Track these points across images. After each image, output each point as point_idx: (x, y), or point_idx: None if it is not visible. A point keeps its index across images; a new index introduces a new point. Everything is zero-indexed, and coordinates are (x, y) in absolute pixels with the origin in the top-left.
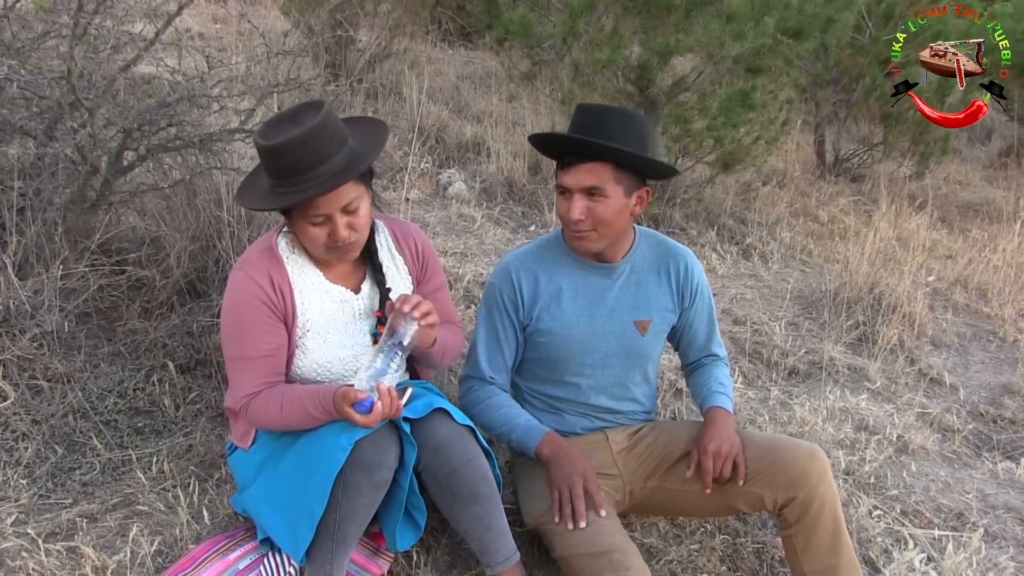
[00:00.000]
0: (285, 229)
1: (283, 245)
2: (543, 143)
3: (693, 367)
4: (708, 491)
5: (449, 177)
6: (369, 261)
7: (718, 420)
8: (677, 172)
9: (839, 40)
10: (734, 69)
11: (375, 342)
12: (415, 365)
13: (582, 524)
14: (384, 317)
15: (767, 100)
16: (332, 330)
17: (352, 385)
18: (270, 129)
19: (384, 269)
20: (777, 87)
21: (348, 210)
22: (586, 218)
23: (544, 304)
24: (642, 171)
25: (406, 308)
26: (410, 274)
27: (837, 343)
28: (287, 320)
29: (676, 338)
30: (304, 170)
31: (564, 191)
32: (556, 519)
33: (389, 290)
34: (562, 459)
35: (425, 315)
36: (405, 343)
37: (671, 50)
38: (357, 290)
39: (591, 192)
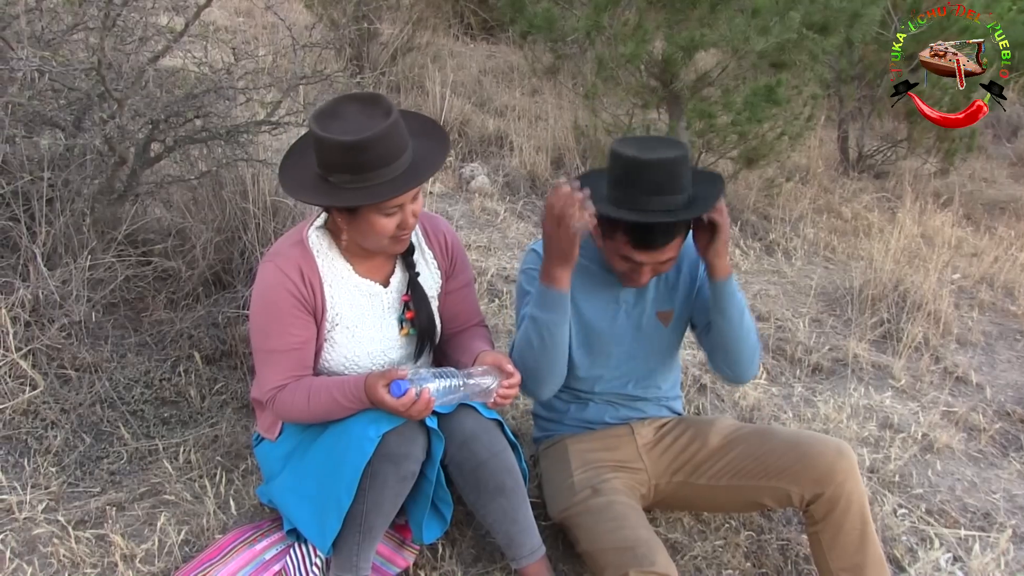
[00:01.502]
0: (317, 223)
1: (314, 239)
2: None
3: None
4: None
5: (472, 171)
6: None
7: None
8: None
9: (864, 35)
10: (758, 64)
11: (402, 329)
12: (441, 359)
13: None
14: (410, 302)
15: (791, 95)
16: (361, 324)
17: None
18: (330, 124)
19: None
20: (801, 82)
21: (414, 198)
22: (652, 276)
23: (574, 299)
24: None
25: (507, 380)
26: (439, 268)
27: (861, 340)
28: (316, 314)
29: (695, 313)
30: (387, 162)
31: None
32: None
33: (418, 274)
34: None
35: (505, 397)
36: (469, 393)
37: (695, 45)
38: (386, 283)
39: (664, 263)
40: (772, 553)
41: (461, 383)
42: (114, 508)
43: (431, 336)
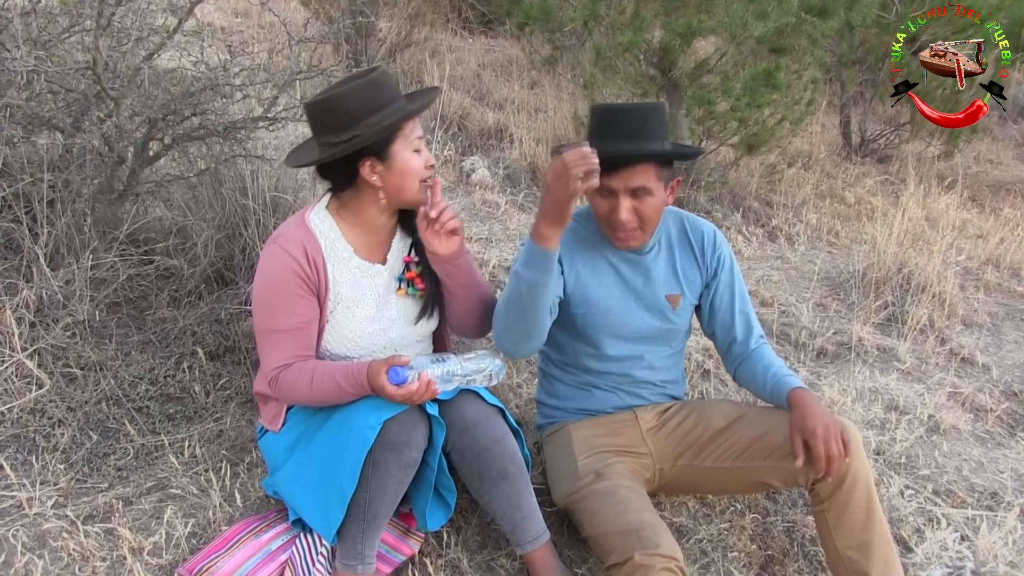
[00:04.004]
0: (319, 206)
1: (316, 221)
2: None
3: (740, 356)
4: (823, 475)
5: (472, 164)
6: (399, 216)
7: (809, 400)
8: (702, 151)
9: (864, 18)
10: (757, 49)
11: (400, 287)
12: (441, 340)
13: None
14: (412, 263)
15: (791, 80)
16: (361, 304)
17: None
18: (335, 88)
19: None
20: (801, 67)
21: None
22: (633, 217)
23: (578, 275)
24: (676, 159)
25: (434, 214)
26: None
27: (866, 323)
28: (319, 294)
29: (705, 316)
30: (399, 96)
31: (607, 192)
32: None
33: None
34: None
35: (449, 220)
36: (469, 376)
37: (693, 32)
38: (384, 262)
39: (637, 192)
40: (778, 535)
41: (458, 366)
42: (121, 503)
43: (435, 298)
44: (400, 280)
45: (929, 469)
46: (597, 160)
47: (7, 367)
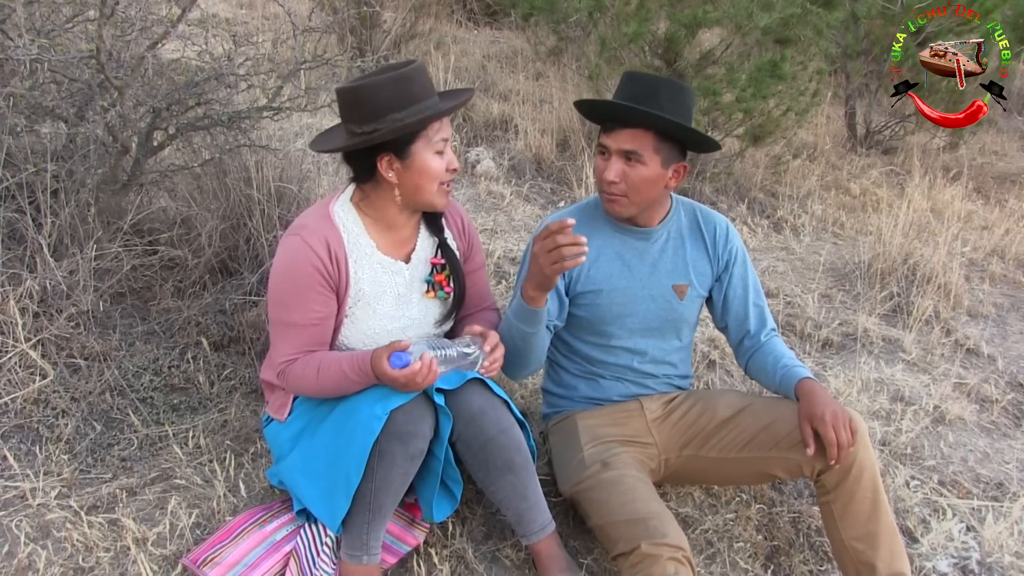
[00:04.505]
0: (342, 198)
1: (340, 214)
2: (590, 109)
3: (751, 348)
4: (835, 463)
5: (477, 155)
6: (424, 217)
7: (816, 390)
8: (719, 146)
9: (869, 9)
10: (762, 40)
11: (429, 290)
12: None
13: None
14: (438, 265)
15: (796, 71)
16: (382, 300)
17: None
18: (367, 77)
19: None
20: (807, 58)
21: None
22: (620, 181)
23: (583, 266)
24: (684, 143)
25: (489, 357)
26: (458, 249)
27: (871, 314)
28: (339, 290)
29: (718, 310)
30: (430, 94)
31: (604, 150)
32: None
33: (446, 238)
34: (531, 264)
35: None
36: (466, 361)
37: (698, 22)
38: (408, 260)
39: (629, 156)
40: (784, 526)
41: (455, 350)
42: (125, 493)
43: (462, 298)
44: (429, 283)
45: (935, 460)
46: (585, 243)
47: (11, 357)
